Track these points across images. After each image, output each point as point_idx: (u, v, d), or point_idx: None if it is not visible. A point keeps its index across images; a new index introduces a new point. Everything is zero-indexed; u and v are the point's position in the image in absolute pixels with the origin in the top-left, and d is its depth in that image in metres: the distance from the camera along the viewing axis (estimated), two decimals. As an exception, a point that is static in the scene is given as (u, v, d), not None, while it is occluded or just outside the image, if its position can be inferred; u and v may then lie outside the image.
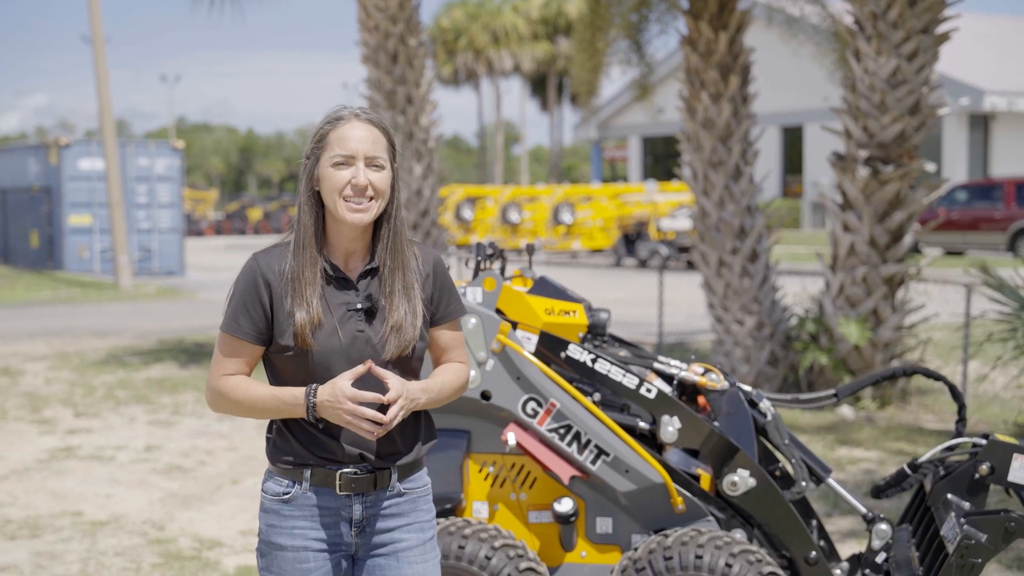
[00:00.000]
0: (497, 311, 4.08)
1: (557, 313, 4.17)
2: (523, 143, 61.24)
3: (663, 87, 26.78)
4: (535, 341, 4.10)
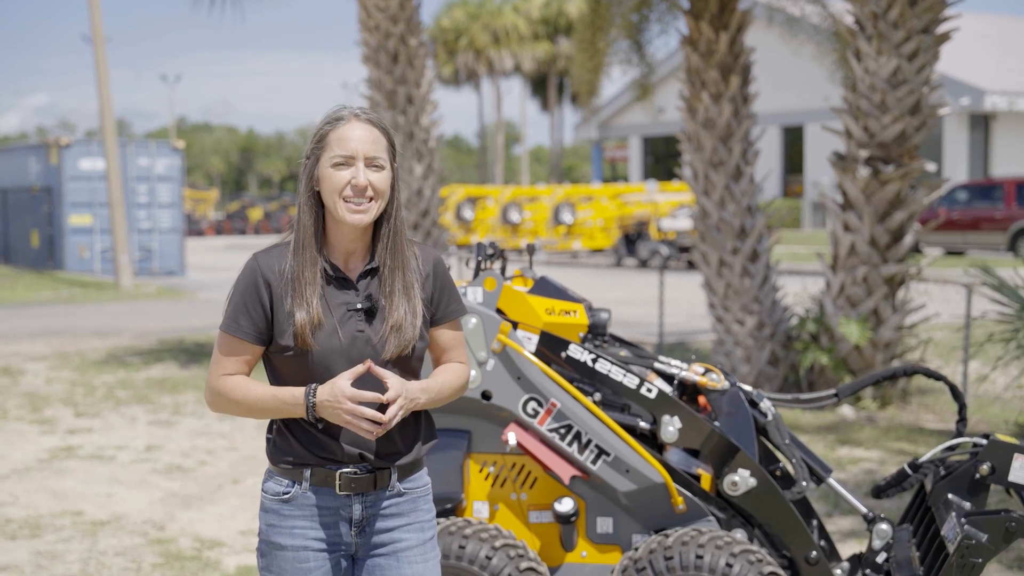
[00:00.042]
0: (498, 311, 4.08)
1: (558, 313, 4.17)
2: (524, 143, 61.24)
3: (664, 87, 26.78)
4: (536, 341, 4.10)
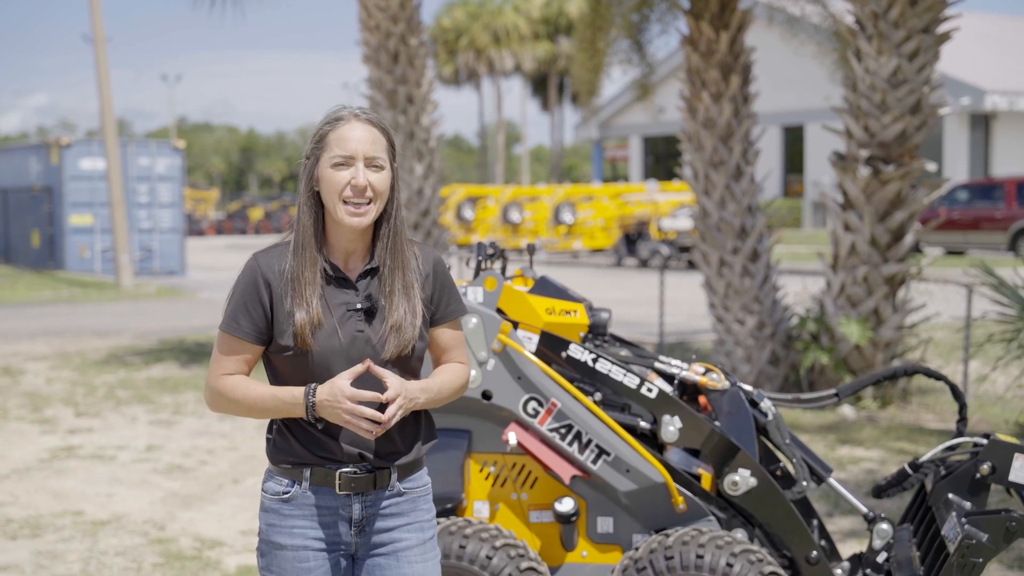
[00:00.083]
0: (498, 311, 4.08)
1: (558, 313, 4.16)
2: (524, 143, 61.23)
3: (664, 87, 26.77)
4: (536, 341, 4.09)
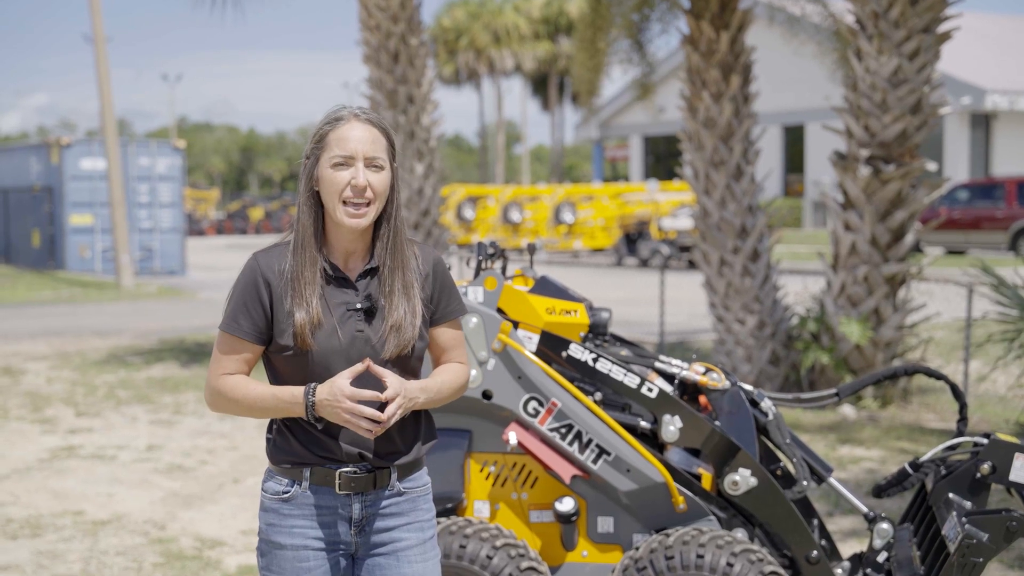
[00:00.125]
0: (498, 310, 4.08)
1: (558, 312, 4.16)
2: (524, 142, 61.23)
3: (664, 86, 26.78)
4: (536, 340, 4.09)
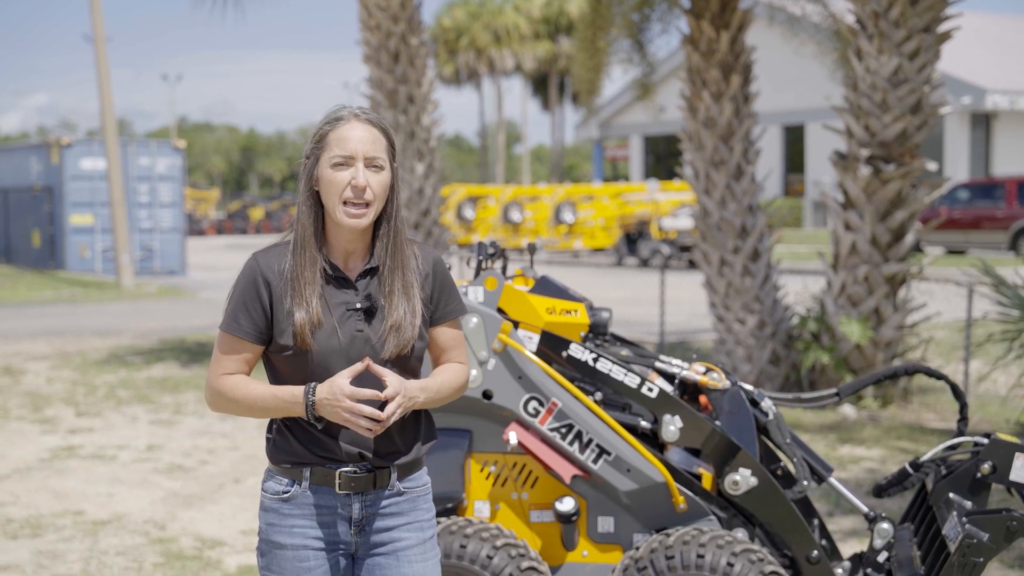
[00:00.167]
0: (499, 310, 4.08)
1: (559, 312, 4.16)
2: (525, 142, 61.24)
3: (665, 86, 26.78)
4: (537, 340, 4.09)
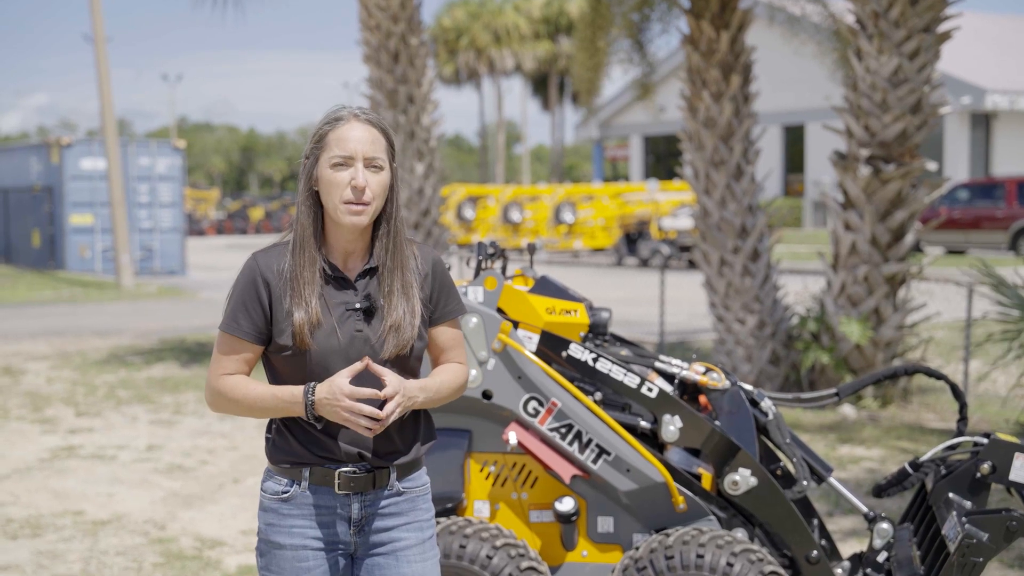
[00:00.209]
0: (498, 310, 4.08)
1: (558, 312, 4.16)
2: (524, 142, 61.23)
3: (665, 86, 26.78)
4: (536, 340, 4.09)
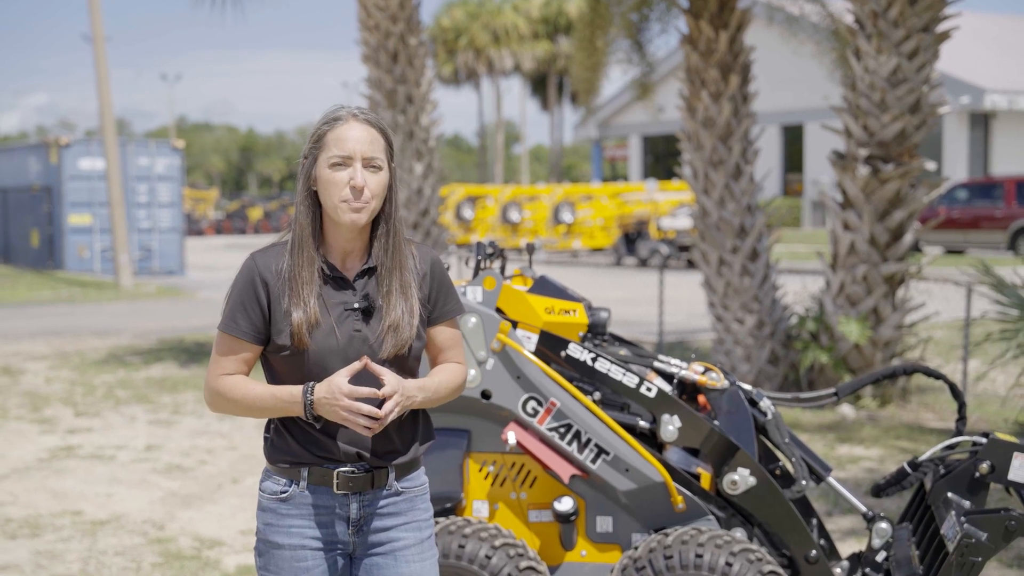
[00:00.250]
0: (497, 310, 4.08)
1: (557, 312, 4.16)
2: (523, 142, 61.25)
3: (664, 86, 26.76)
4: (535, 340, 4.09)
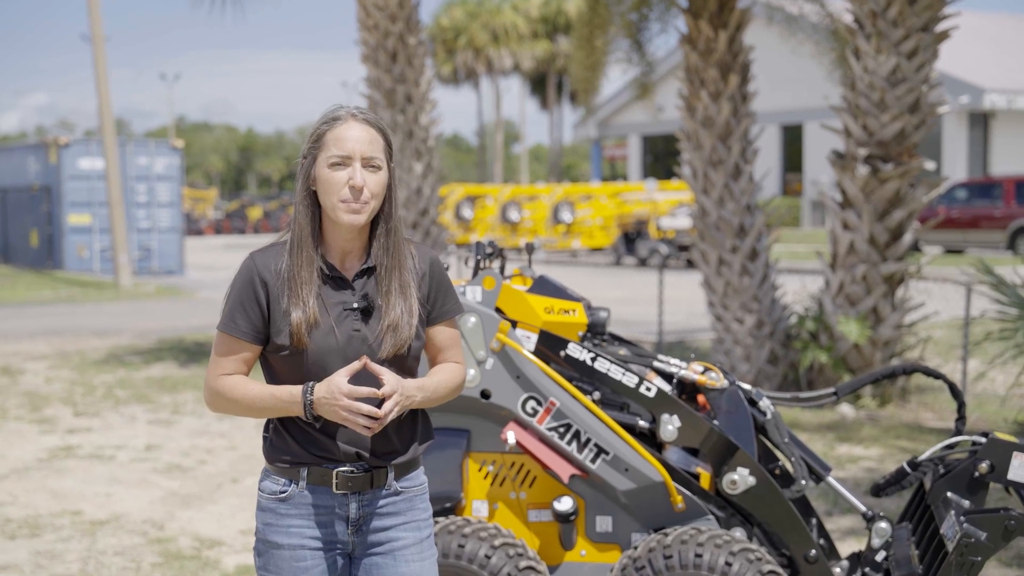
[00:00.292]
0: (497, 310, 4.08)
1: (557, 312, 4.16)
2: (523, 142, 61.24)
3: (663, 85, 26.74)
4: (535, 340, 4.09)
